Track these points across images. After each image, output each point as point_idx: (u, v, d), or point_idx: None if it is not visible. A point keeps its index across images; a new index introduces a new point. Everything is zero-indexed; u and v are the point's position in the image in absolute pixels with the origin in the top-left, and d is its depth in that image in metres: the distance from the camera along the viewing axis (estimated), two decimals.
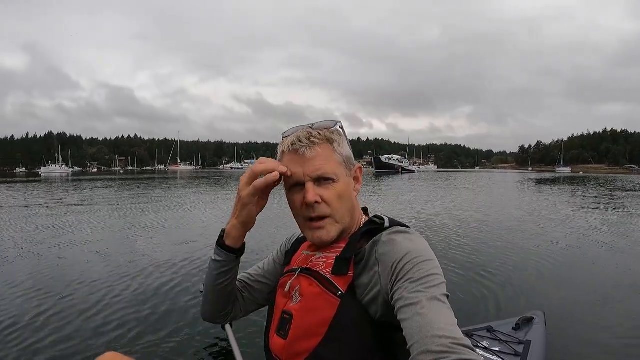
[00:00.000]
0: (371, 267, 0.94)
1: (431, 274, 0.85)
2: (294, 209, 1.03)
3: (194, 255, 5.95)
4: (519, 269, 5.53)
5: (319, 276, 0.97)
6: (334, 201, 0.98)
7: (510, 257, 6.13)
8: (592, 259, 6.30)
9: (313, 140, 0.98)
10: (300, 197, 0.99)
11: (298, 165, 0.98)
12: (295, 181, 0.99)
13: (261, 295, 1.24)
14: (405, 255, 0.88)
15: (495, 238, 7.86)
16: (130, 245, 7.04)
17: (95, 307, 3.92)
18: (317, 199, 0.96)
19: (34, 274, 5.06)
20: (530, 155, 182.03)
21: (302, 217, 1.01)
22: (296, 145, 0.98)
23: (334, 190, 0.98)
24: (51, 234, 7.94)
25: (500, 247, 6.97)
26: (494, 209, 13.32)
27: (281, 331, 0.99)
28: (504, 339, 2.53)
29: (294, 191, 1.01)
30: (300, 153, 0.97)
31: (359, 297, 0.93)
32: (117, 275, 4.96)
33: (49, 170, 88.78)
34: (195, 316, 3.69)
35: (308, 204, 0.97)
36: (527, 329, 2.75)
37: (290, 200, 1.03)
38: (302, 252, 1.11)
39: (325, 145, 0.99)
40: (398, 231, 0.98)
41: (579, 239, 7.78)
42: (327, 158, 0.98)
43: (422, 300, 0.80)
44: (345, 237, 1.03)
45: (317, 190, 0.97)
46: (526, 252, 6.52)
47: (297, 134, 1.00)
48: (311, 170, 0.97)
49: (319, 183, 0.98)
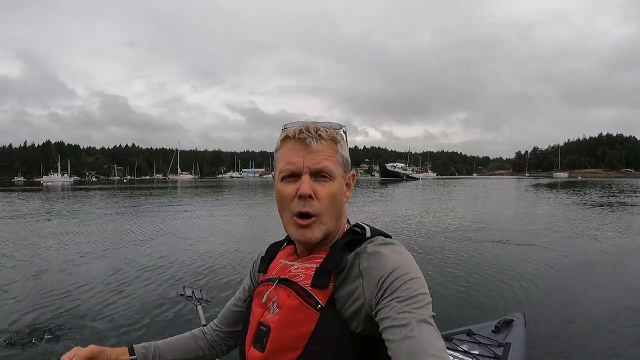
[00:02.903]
0: (353, 279, 0.91)
1: (420, 293, 0.84)
2: (283, 201, 0.97)
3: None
4: (498, 271, 5.72)
5: (298, 288, 0.94)
6: (326, 200, 0.94)
7: (490, 260, 6.32)
8: (573, 261, 6.51)
9: (320, 134, 0.95)
10: (293, 188, 0.94)
11: (299, 155, 0.94)
12: (291, 171, 0.95)
13: (239, 324, 1.18)
14: (393, 271, 0.86)
15: (477, 241, 8.10)
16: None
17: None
18: (311, 192, 0.92)
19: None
20: (527, 161, 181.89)
21: (291, 211, 0.96)
22: (303, 134, 0.95)
23: (329, 189, 0.95)
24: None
25: (480, 250, 7.18)
26: (482, 214, 13.57)
27: (258, 343, 0.96)
28: (483, 341, 2.57)
29: (287, 182, 0.96)
30: (306, 142, 0.94)
31: (339, 309, 0.90)
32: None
33: (50, 179, 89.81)
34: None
35: (302, 196, 0.93)
36: (507, 331, 2.78)
37: (280, 191, 0.97)
38: (279, 261, 1.06)
39: (330, 143, 0.97)
40: (383, 242, 0.95)
41: (560, 242, 7.99)
42: (329, 155, 0.96)
43: (411, 323, 0.79)
44: (326, 245, 0.99)
45: (312, 185, 0.94)
46: (506, 255, 6.73)
47: (304, 125, 0.97)
48: (312, 162, 0.94)
49: (315, 178, 0.94)
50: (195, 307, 2.66)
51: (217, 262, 6.70)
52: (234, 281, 5.46)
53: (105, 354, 1.04)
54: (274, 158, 1.04)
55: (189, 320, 4.01)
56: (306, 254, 1.01)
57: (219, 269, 6.29)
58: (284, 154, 0.97)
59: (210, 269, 6.25)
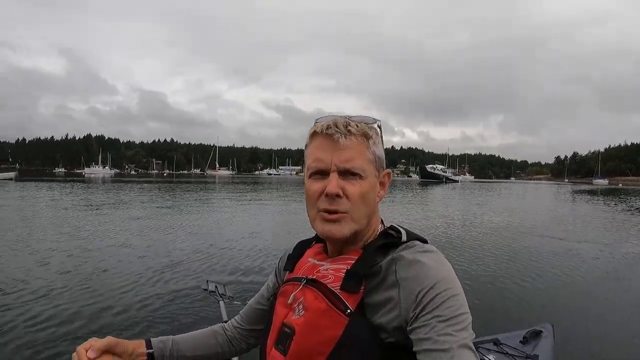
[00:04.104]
0: (388, 287, 0.85)
1: (462, 312, 0.79)
2: (310, 198, 0.94)
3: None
4: (528, 278, 5.56)
5: (326, 290, 0.89)
6: (356, 199, 0.89)
7: (520, 266, 6.18)
8: (608, 272, 6.27)
9: (350, 130, 0.90)
10: (321, 186, 0.90)
11: (327, 152, 0.90)
12: (318, 168, 0.91)
13: (261, 322, 1.15)
14: (434, 286, 0.80)
15: (510, 246, 7.95)
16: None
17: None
18: (338, 191, 0.88)
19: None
20: (567, 167, 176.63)
21: (317, 208, 0.92)
22: (331, 130, 0.90)
23: (359, 188, 0.89)
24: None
25: (511, 256, 7.04)
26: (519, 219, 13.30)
27: (280, 345, 0.92)
28: (510, 352, 2.47)
29: (314, 179, 0.92)
30: (334, 139, 0.89)
31: (368, 317, 0.85)
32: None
33: (92, 171, 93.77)
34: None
35: (328, 195, 0.88)
36: (535, 342, 2.67)
37: (308, 188, 0.94)
38: (308, 260, 1.02)
39: (361, 139, 0.91)
40: (423, 250, 0.89)
41: (596, 251, 7.74)
42: (359, 152, 0.90)
43: (452, 348, 0.75)
44: (358, 246, 0.95)
45: (341, 183, 0.89)
46: (538, 262, 6.57)
47: (334, 119, 0.92)
48: (340, 160, 0.89)
49: (344, 176, 0.89)
50: (218, 302, 2.66)
51: (244, 258, 6.76)
52: (259, 279, 5.46)
53: (122, 346, 1.01)
54: (304, 155, 0.99)
55: (211, 315, 4.00)
56: (336, 253, 0.96)
57: (245, 265, 6.33)
58: (312, 151, 0.94)
59: (237, 265, 6.31)
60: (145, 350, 1.07)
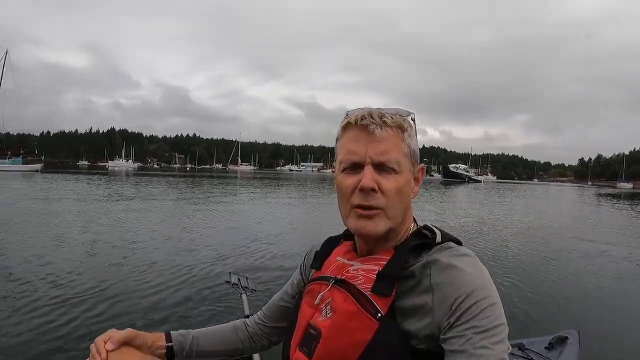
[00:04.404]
0: (421, 292, 0.81)
1: (499, 323, 0.75)
2: (342, 193, 0.89)
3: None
4: (555, 282, 5.48)
5: (356, 292, 0.85)
6: (392, 194, 0.85)
7: (547, 270, 6.08)
8: (636, 279, 6.12)
9: (385, 121, 0.86)
10: (354, 180, 0.86)
11: (362, 144, 0.86)
12: (352, 161, 0.87)
13: (284, 320, 1.13)
14: (472, 294, 0.76)
15: (536, 249, 7.81)
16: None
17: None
18: (374, 185, 0.84)
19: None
20: (590, 169, 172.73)
21: (350, 203, 0.87)
22: (366, 121, 0.85)
23: (394, 182, 0.85)
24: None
25: (538, 259, 6.93)
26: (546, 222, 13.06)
27: (305, 347, 0.89)
28: (535, 358, 2.41)
29: (347, 173, 0.88)
30: (369, 130, 0.85)
31: (398, 321, 0.81)
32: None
33: (115, 164, 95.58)
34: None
35: (363, 190, 0.84)
36: (561, 349, 2.60)
37: (341, 183, 0.89)
38: (336, 258, 0.98)
39: (396, 131, 0.87)
40: (458, 253, 0.84)
41: (625, 256, 7.47)
42: (395, 145, 0.86)
43: None
44: (390, 245, 0.91)
45: (375, 177, 0.84)
46: (565, 266, 6.46)
47: (368, 110, 0.88)
48: (376, 152, 0.85)
49: (379, 170, 0.85)
50: (240, 295, 2.65)
51: (267, 251, 6.79)
52: (283, 273, 5.45)
53: (142, 339, 1.00)
54: (334, 150, 0.95)
55: (233, 308, 4.02)
56: (367, 253, 0.92)
57: (269, 258, 6.36)
58: (345, 143, 0.89)
59: (260, 258, 6.34)
60: (164, 344, 1.06)
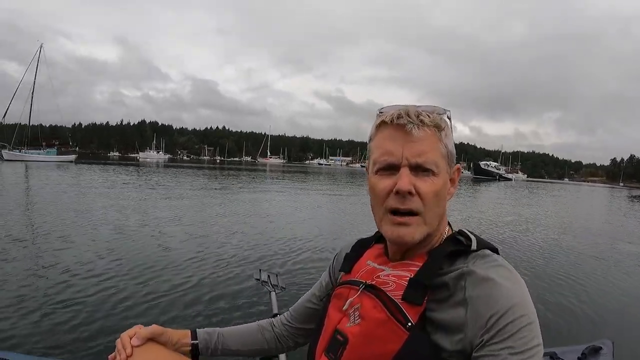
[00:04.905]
0: (455, 304, 0.77)
1: (535, 345, 0.71)
2: (377, 196, 0.85)
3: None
4: (589, 290, 5.31)
5: (387, 299, 0.82)
6: (430, 198, 0.81)
7: (580, 277, 5.91)
8: None
9: (422, 120, 0.82)
10: (390, 183, 0.82)
11: (398, 144, 0.82)
12: (387, 162, 0.83)
13: (311, 322, 1.11)
14: (509, 311, 0.71)
15: (569, 255, 7.62)
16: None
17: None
18: (411, 188, 0.80)
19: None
20: (623, 170, 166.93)
21: (384, 207, 0.84)
22: (403, 120, 0.81)
23: (432, 185, 0.81)
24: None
25: (571, 265, 6.77)
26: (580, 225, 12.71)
27: (331, 353, 0.87)
28: None
29: (381, 175, 0.84)
30: (406, 129, 0.81)
31: (428, 332, 0.77)
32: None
33: (146, 156, 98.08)
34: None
35: (399, 193, 0.80)
36: (594, 359, 2.60)
37: (374, 185, 0.85)
38: (366, 262, 0.94)
39: (434, 131, 0.83)
40: (495, 264, 0.79)
41: None
42: (432, 145, 0.82)
43: None
44: (423, 250, 0.86)
45: (412, 179, 0.81)
46: (599, 274, 6.26)
47: (404, 109, 0.84)
48: (413, 153, 0.81)
49: (415, 172, 0.81)
50: (269, 293, 2.63)
51: (297, 249, 6.79)
52: (313, 272, 5.43)
53: (167, 336, 1.01)
54: (367, 148, 0.91)
55: (261, 306, 4.03)
56: (399, 257, 0.88)
57: (299, 256, 6.35)
58: (380, 143, 0.85)
59: (290, 255, 6.34)
60: (190, 341, 1.06)
